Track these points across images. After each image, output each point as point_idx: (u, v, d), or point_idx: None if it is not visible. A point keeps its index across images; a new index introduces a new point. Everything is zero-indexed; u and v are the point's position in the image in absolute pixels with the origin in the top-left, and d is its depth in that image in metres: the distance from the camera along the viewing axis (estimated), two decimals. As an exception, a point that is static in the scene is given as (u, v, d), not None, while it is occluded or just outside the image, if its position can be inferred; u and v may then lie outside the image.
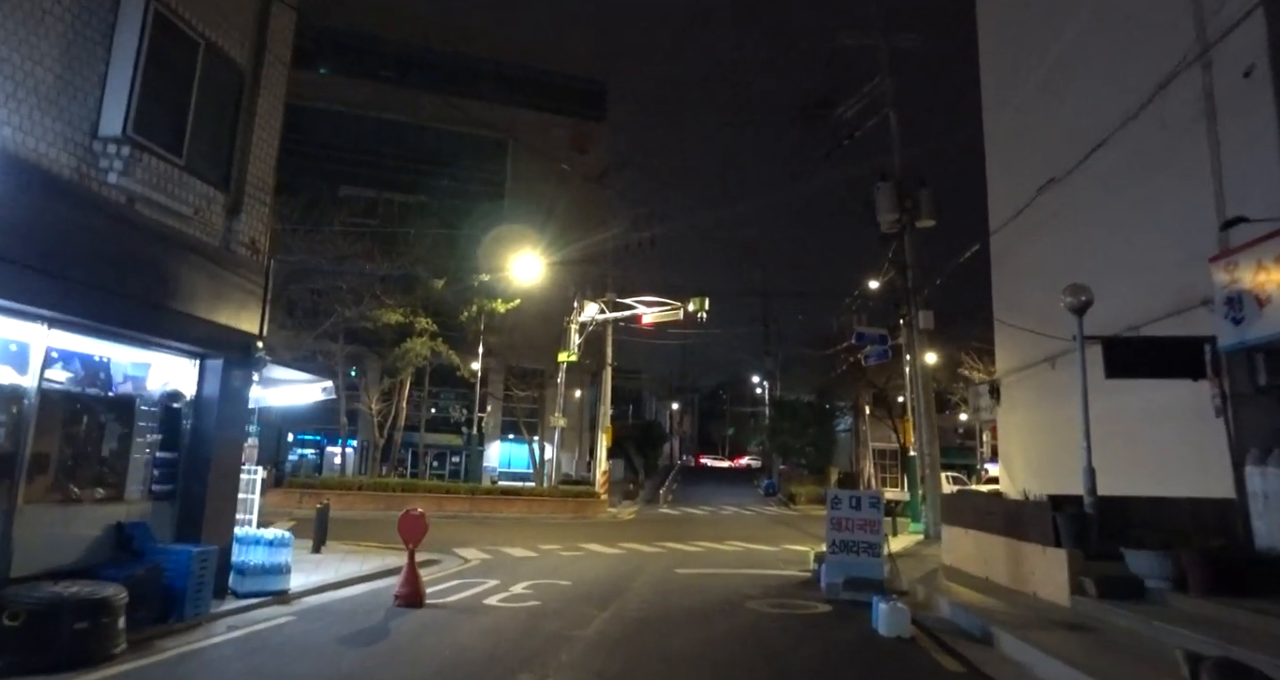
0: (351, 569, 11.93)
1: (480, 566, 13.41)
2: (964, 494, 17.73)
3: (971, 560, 12.15)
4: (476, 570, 12.86)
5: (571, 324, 28.55)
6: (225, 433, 9.12)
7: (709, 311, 24.93)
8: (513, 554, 15.42)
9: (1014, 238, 16.13)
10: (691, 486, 49.15)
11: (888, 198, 19.94)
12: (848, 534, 10.22)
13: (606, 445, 30.34)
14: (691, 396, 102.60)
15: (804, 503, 37.20)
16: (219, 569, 8.86)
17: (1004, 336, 17.45)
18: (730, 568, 13.68)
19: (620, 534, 21.09)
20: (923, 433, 19.03)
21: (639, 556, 15.33)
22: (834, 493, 10.63)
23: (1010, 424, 17.39)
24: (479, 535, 19.59)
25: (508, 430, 39.99)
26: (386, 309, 24.44)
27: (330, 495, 25.83)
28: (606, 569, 13.18)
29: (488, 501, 26.89)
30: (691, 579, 12.21)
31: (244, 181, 9.56)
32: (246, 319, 9.53)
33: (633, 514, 29.87)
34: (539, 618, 8.47)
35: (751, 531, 22.98)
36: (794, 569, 13.64)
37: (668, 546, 17.28)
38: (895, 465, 44.42)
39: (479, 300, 27.51)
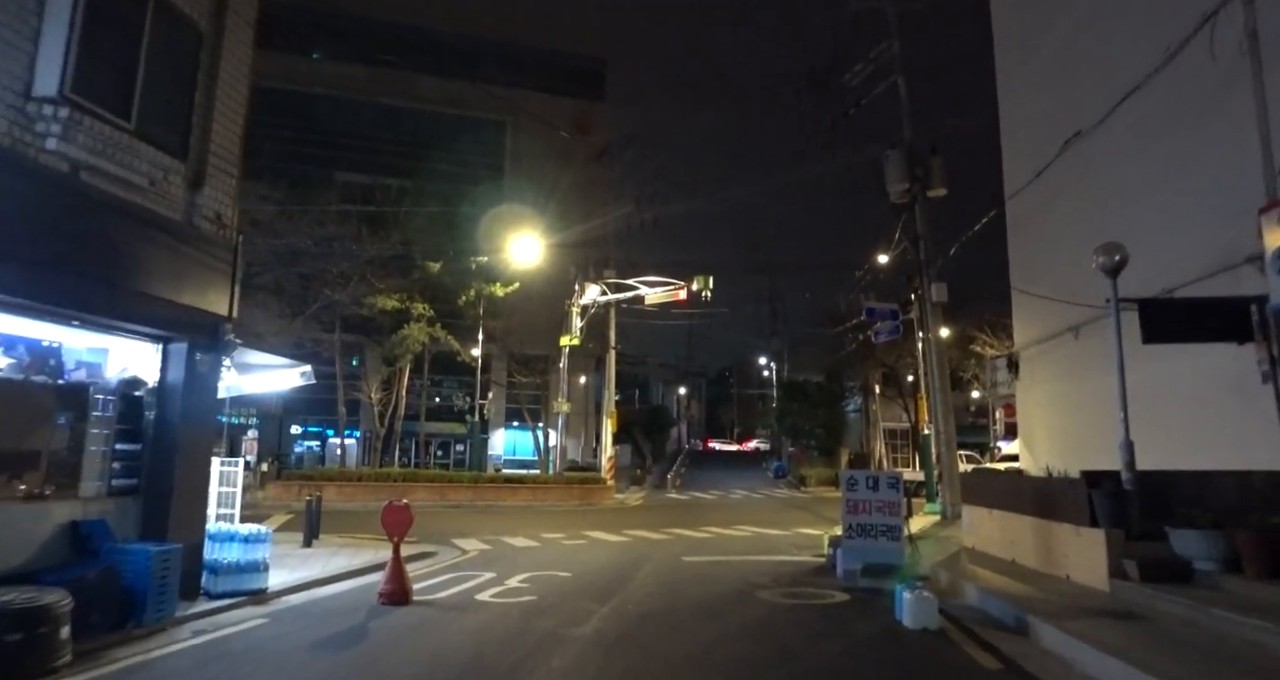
0: (340, 564, 11.30)
1: (478, 558, 12.80)
2: (986, 472, 17.04)
3: (996, 542, 11.46)
4: (473, 562, 12.24)
5: (573, 307, 27.83)
6: (192, 422, 8.46)
7: (713, 290, 24.19)
8: (513, 544, 14.81)
9: (1033, 203, 15.35)
10: (700, 471, 48.56)
11: (898, 166, 19.09)
12: (865, 517, 9.53)
13: (612, 430, 29.69)
14: (698, 381, 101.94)
15: (814, 485, 36.60)
16: (190, 568, 8.25)
17: (1023, 307, 16.68)
18: (740, 554, 13.03)
19: (626, 521, 20.48)
20: (938, 410, 18.30)
21: (645, 544, 14.70)
22: (850, 474, 9.93)
23: (1031, 399, 16.65)
24: (481, 525, 19.01)
25: (512, 417, 39.43)
26: (381, 294, 23.74)
27: (330, 487, 25.38)
28: (610, 558, 12.55)
29: (491, 490, 26.29)
30: (699, 567, 11.56)
31: (206, 151, 8.84)
32: (213, 299, 8.85)
33: (640, 500, 29.28)
34: (533, 615, 7.82)
35: (762, 515, 22.34)
36: (807, 554, 12.98)
37: (675, 533, 16.65)
38: (906, 445, 43.75)
39: (477, 284, 26.76)
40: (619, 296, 26.77)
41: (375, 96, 40.74)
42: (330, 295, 22.18)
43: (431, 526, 18.56)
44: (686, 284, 24.58)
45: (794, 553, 13.24)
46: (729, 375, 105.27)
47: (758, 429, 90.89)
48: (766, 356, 55.51)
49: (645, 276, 26.19)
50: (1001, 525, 11.28)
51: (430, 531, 17.02)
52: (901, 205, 19.90)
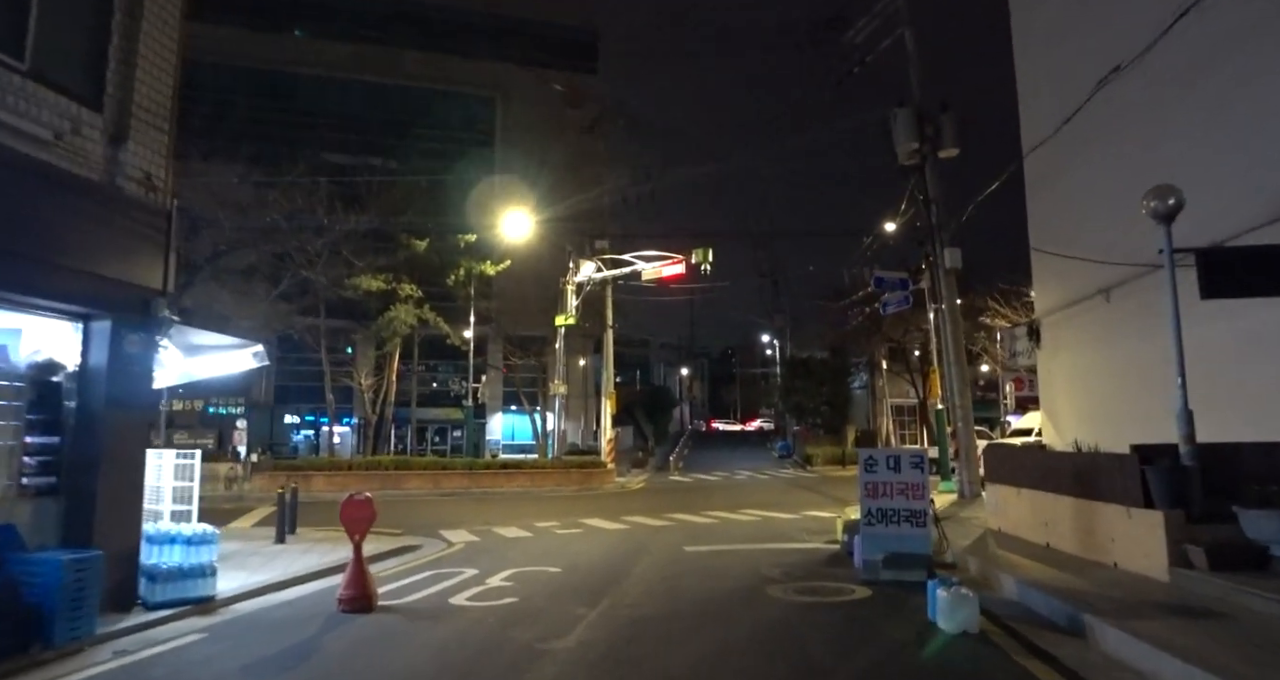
0: (309, 563, 10.33)
1: (463, 552, 11.83)
2: (1012, 448, 16.04)
3: (1027, 524, 10.47)
4: (457, 557, 11.26)
5: (567, 285, 26.74)
6: (121, 410, 7.43)
7: (713, 263, 23.08)
8: (504, 535, 13.84)
9: (1056, 158, 14.20)
10: (703, 452, 47.68)
11: (906, 125, 17.91)
12: (886, 501, 8.50)
13: (612, 412, 28.71)
14: (701, 361, 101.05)
15: (821, 464, 35.68)
16: (122, 577, 7.29)
17: (1045, 271, 15.58)
18: (747, 542, 12.04)
19: (627, 506, 19.54)
20: (953, 383, 17.25)
21: (644, 532, 13.72)
22: (868, 453, 8.86)
23: (1054, 369, 15.59)
24: (473, 514, 18.07)
25: (510, 401, 38.47)
26: (364, 274, 22.62)
27: (319, 477, 24.49)
28: (606, 550, 11.57)
29: (487, 476, 25.36)
30: (703, 559, 10.57)
31: (129, 102, 7.74)
32: (144, 271, 7.80)
33: (642, 483, 28.36)
34: (511, 623, 6.83)
35: (768, 497, 21.38)
36: (819, 540, 12.00)
37: (677, 519, 15.68)
38: (914, 421, 42.79)
39: (466, 262, 25.65)
40: (615, 272, 25.67)
41: (360, 74, 39.40)
42: (303, 273, 20.92)
43: (421, 517, 17.66)
44: (685, 257, 23.46)
45: (805, 539, 12.26)
46: (732, 355, 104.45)
47: (761, 409, 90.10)
48: (770, 333, 54.34)
49: (642, 251, 25.08)
50: (1033, 506, 10.28)
51: (418, 522, 16.12)
52: (911, 167, 18.75)
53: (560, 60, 43.40)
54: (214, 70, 36.26)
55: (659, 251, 24.52)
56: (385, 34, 40.11)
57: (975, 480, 16.85)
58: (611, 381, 29.08)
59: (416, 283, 25.05)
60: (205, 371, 9.34)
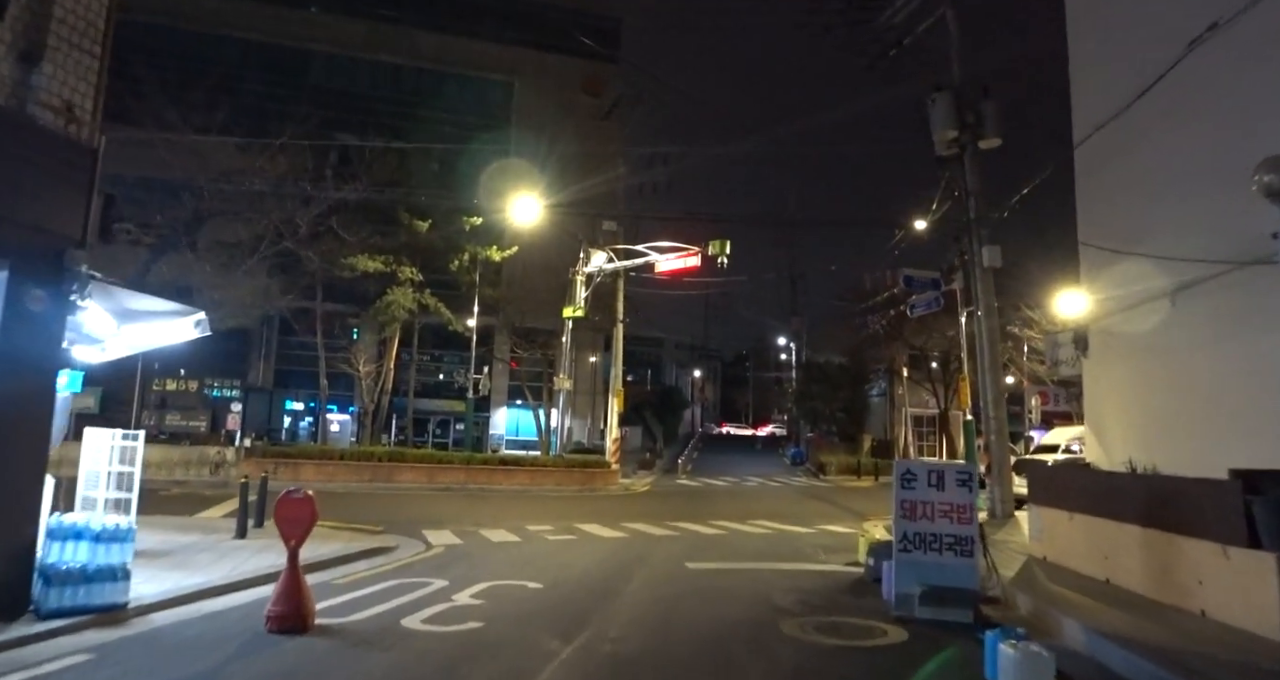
0: (262, 564, 9.12)
1: (438, 558, 10.58)
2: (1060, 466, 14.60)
3: (1079, 554, 9.10)
4: (430, 564, 10.02)
5: (577, 275, 25.50)
6: (15, 377, 6.23)
7: (730, 255, 21.73)
8: (490, 538, 12.60)
9: (1113, 143, 12.77)
10: (713, 455, 46.25)
11: (945, 111, 16.54)
12: (925, 524, 7.17)
13: (619, 410, 27.43)
14: (714, 363, 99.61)
15: (835, 473, 34.25)
16: (13, 577, 6.10)
17: (1095, 270, 14.14)
18: (756, 560, 10.73)
19: (628, 510, 18.27)
20: (987, 392, 15.85)
21: (643, 542, 12.43)
22: (906, 467, 7.49)
23: (1103, 380, 14.15)
24: (463, 512, 16.87)
25: (516, 395, 37.19)
26: (361, 255, 21.40)
27: (308, 465, 23.35)
28: (598, 561, 10.29)
29: (484, 472, 24.15)
30: (706, 579, 9.27)
31: (46, 16, 6.55)
32: (58, 217, 6.60)
33: (647, 486, 27.07)
34: (463, 657, 5.57)
35: (780, 507, 20.05)
36: (838, 560, 10.68)
37: (681, 528, 14.37)
38: (933, 432, 41.27)
39: (471, 247, 24.42)
40: (627, 263, 24.38)
41: (373, 53, 38.31)
42: (286, 245, 19.53)
43: (407, 513, 16.49)
44: (701, 249, 22.13)
45: (822, 558, 10.94)
46: (745, 359, 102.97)
47: (773, 414, 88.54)
48: (786, 336, 52.84)
49: (656, 242, 23.76)
50: (1088, 533, 8.91)
51: (403, 519, 14.97)
52: (948, 158, 17.38)
53: (580, 46, 42.18)
54: (220, 42, 35.38)
55: (673, 242, 23.21)
56: (401, 13, 39.01)
57: (1008, 499, 15.48)
58: (620, 378, 27.79)
59: (418, 267, 23.86)
60: (142, 341, 8.15)
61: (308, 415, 37.64)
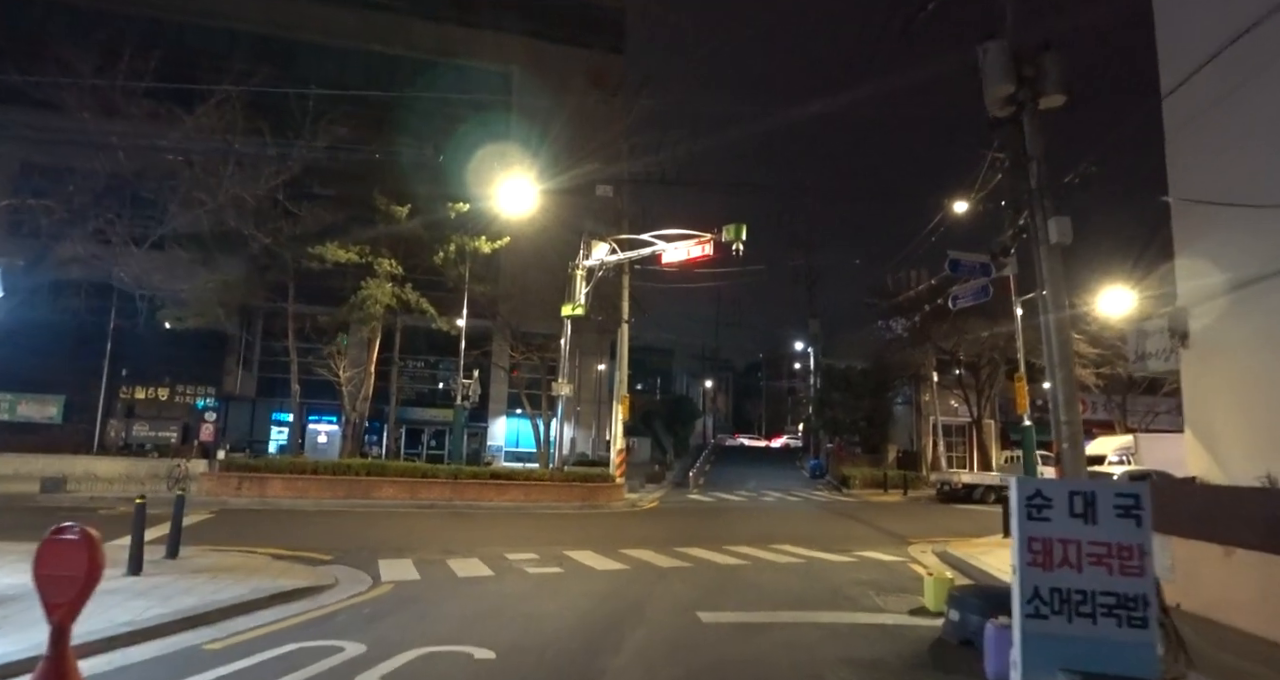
0: (127, 615, 6.72)
1: (377, 604, 8.15)
2: (1204, 485, 12.06)
3: (1246, 606, 6.58)
4: (359, 615, 7.58)
5: (577, 270, 23.11)
6: None
7: (747, 242, 19.24)
8: (456, 572, 10.16)
9: (1227, 84, 10.32)
10: (726, 467, 43.66)
11: (999, 64, 13.80)
12: (1068, 576, 4.66)
13: (624, 419, 24.96)
14: (726, 374, 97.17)
15: (859, 487, 31.64)
16: None
17: (1195, 240, 11.64)
18: (791, 607, 8.22)
19: (631, 532, 15.81)
20: (1058, 392, 13.20)
21: (645, 578, 9.92)
22: (1033, 487, 4.88)
23: (1210, 374, 11.59)
24: (439, 535, 14.51)
25: (515, 404, 34.79)
26: (331, 245, 19.04)
27: (276, 481, 20.90)
28: (580, 613, 7.81)
29: (473, 488, 21.70)
30: (725, 643, 6.78)
31: None
32: None
33: (655, 502, 24.55)
34: None
35: (805, 528, 17.52)
36: (897, 606, 8.19)
37: (692, 556, 11.87)
38: (963, 442, 38.56)
39: (457, 237, 22.03)
40: (632, 254, 21.95)
41: (365, 43, 36.23)
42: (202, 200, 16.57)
43: (372, 536, 14.12)
44: (714, 236, 19.69)
45: (876, 604, 8.41)
46: (758, 368, 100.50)
47: (786, 425, 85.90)
48: (803, 340, 50.19)
49: (663, 230, 21.34)
50: (1265, 579, 6.38)
51: (365, 543, 12.65)
52: (1002, 120, 14.90)
53: (584, 36, 40.01)
54: (205, 32, 33.47)
55: (683, 231, 20.79)
56: (394, 2, 37.00)
57: (1086, 520, 12.86)
58: (625, 383, 25.35)
59: (399, 260, 21.49)
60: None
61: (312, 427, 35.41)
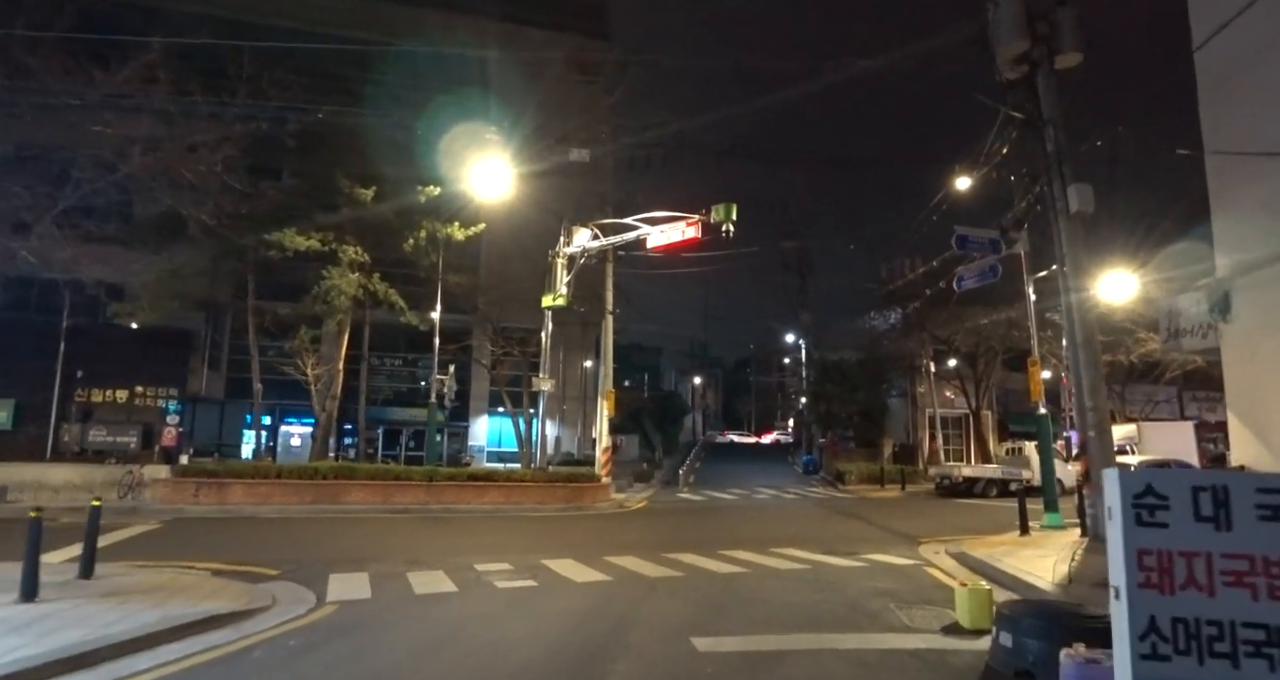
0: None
1: (310, 632, 6.86)
2: None
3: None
4: (281, 650, 6.30)
5: (558, 258, 21.83)
6: None
7: (737, 223, 18.01)
8: (414, 588, 8.87)
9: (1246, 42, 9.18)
10: (717, 465, 42.46)
11: (1010, 19, 12.82)
12: (1197, 600, 3.42)
13: (610, 415, 23.68)
14: (714, 371, 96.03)
15: (855, 482, 30.52)
16: None
17: (1235, 202, 10.49)
18: (803, 628, 6.98)
19: (617, 537, 14.56)
20: (1080, 375, 12.06)
21: (631, 592, 8.64)
22: (1144, 480, 3.58)
23: (1258, 353, 10.47)
24: (407, 543, 13.23)
25: (497, 402, 33.46)
26: (290, 231, 17.61)
27: (237, 486, 19.46)
28: (551, 642, 6.54)
29: (451, 490, 20.38)
30: (729, 677, 5.53)
31: None
32: None
33: (644, 502, 23.31)
34: None
35: (806, 528, 16.32)
36: (925, 622, 6.97)
37: (685, 563, 10.61)
38: (960, 434, 37.52)
39: (429, 223, 20.65)
40: (615, 239, 20.66)
41: (338, 28, 34.72)
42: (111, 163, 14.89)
43: (334, 545, 12.86)
44: (703, 217, 18.43)
45: (901, 621, 7.18)
46: (747, 365, 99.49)
47: (776, 421, 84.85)
48: (795, 333, 48.98)
49: (649, 213, 20.06)
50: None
51: (322, 554, 11.45)
52: (1015, 82, 13.71)
53: (567, 21, 38.64)
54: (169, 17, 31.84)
55: (669, 212, 19.52)
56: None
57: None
58: (610, 378, 24.08)
59: (367, 248, 20.06)
60: None
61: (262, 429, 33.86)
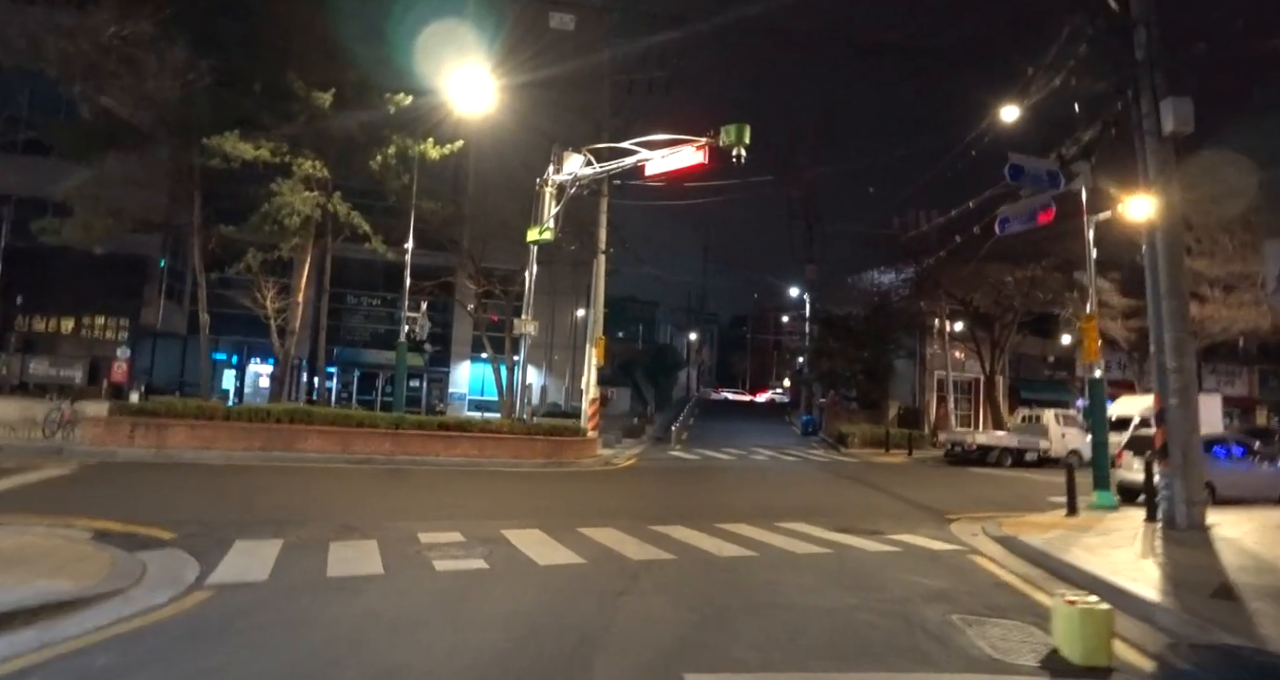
0: None
1: (138, 637, 4.86)
2: None
3: None
4: (86, 662, 4.25)
5: (546, 188, 19.49)
6: None
7: (749, 146, 15.60)
8: (328, 566, 6.88)
9: None
10: (711, 422, 40.66)
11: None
12: None
13: (598, 364, 21.65)
14: (711, 327, 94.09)
15: (858, 446, 28.76)
16: None
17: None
18: (844, 657, 4.99)
19: (599, 500, 12.65)
20: (1163, 330, 10.00)
21: (606, 585, 6.60)
22: None
23: None
24: (355, 501, 11.32)
25: (481, 348, 31.40)
26: (232, 135, 15.12)
27: (179, 428, 17.33)
28: (482, 666, 4.53)
29: (418, 440, 18.37)
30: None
31: None
32: None
33: (633, 459, 21.47)
34: None
35: (814, 496, 14.45)
36: (999, 637, 5.04)
37: (675, 540, 8.62)
38: (969, 399, 35.67)
39: (399, 139, 18.20)
40: (611, 165, 18.29)
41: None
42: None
43: (263, 502, 10.91)
44: (710, 140, 16.09)
45: (976, 643, 5.15)
46: (744, 322, 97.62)
47: (771, 381, 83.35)
48: (799, 287, 46.74)
49: (648, 137, 17.66)
50: None
51: (242, 513, 9.73)
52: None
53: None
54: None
55: (671, 136, 17.12)
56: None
57: (1198, 498, 9.75)
58: (600, 324, 22.00)
59: (328, 165, 17.58)
60: None
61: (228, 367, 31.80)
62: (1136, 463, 14.41)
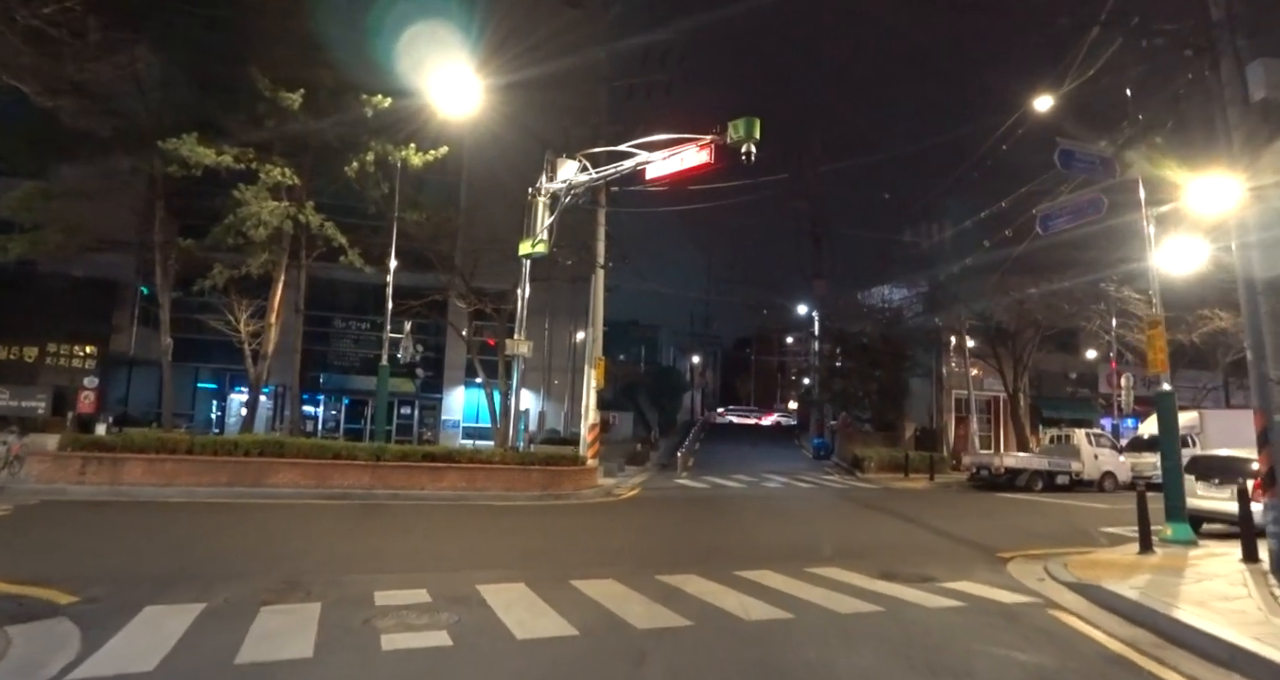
0: None
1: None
2: None
3: None
4: None
5: (538, 196, 18.08)
6: None
7: (759, 142, 14.15)
8: (243, 644, 5.25)
9: None
10: (718, 446, 38.96)
11: None
12: None
13: (598, 386, 20.09)
14: (714, 349, 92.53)
15: (875, 470, 27.07)
16: None
17: None
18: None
19: (597, 540, 11.03)
20: (1264, 334, 8.44)
21: (604, 658, 5.00)
22: None
23: None
24: (312, 545, 9.75)
25: (475, 373, 29.85)
26: (190, 138, 13.70)
27: (136, 463, 15.78)
28: None
29: (401, 472, 16.78)
30: None
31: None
32: None
33: (636, 489, 19.83)
34: None
35: (843, 531, 12.81)
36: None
37: (689, 596, 7.02)
38: (988, 420, 33.93)
39: (378, 145, 16.77)
40: (609, 170, 16.85)
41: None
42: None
43: (205, 548, 9.38)
44: (717, 138, 14.64)
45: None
46: (748, 345, 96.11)
47: (776, 403, 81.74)
48: (807, 304, 45.20)
49: (649, 137, 16.24)
50: None
51: (172, 564, 8.20)
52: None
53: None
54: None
55: (673, 135, 15.72)
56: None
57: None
58: (600, 343, 20.47)
59: (300, 174, 16.14)
60: None
61: (212, 397, 30.19)
62: (1200, 487, 12.87)
